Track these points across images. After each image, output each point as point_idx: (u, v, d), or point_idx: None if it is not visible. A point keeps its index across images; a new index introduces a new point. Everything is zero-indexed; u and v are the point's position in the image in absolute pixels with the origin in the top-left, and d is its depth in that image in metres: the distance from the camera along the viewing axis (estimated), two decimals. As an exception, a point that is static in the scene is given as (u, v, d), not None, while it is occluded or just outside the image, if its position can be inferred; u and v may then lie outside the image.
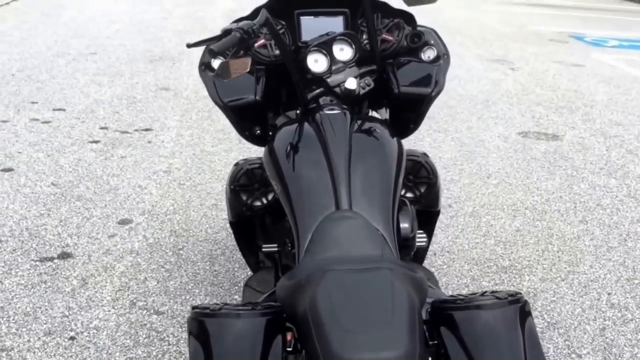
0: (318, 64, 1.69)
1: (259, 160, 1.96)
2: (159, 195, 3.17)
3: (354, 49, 1.71)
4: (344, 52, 1.71)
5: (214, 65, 1.79)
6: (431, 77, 1.80)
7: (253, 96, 1.74)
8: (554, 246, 2.88)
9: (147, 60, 5.96)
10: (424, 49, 1.84)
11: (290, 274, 1.25)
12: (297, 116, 1.79)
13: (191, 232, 2.83)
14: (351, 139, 1.51)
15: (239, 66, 1.46)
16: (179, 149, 3.81)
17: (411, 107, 1.84)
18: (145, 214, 2.97)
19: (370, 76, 1.75)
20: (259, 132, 1.85)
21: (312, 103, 1.69)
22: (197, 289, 2.40)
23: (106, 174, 3.39)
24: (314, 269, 1.19)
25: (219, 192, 3.23)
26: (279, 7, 1.77)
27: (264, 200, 1.95)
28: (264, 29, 1.60)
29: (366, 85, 1.74)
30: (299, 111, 1.78)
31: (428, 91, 1.79)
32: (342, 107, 1.64)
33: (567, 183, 3.61)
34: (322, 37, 1.71)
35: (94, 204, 3.04)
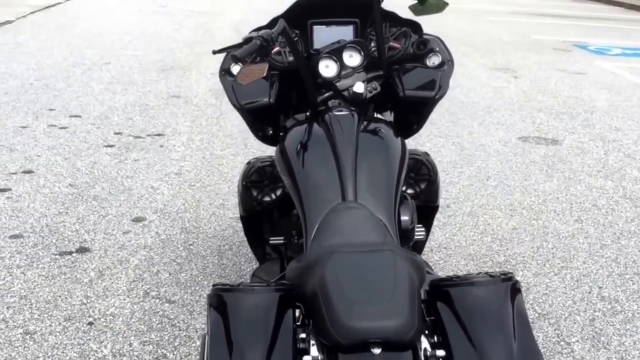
0: (328, 69, 1.82)
1: (270, 158, 2.10)
2: (170, 195, 3.32)
3: (362, 55, 1.84)
4: (353, 58, 1.84)
5: (233, 70, 1.94)
6: (435, 81, 1.93)
7: (267, 99, 1.88)
8: (549, 243, 3.00)
9: (158, 69, 6.14)
10: (429, 55, 1.97)
11: (299, 257, 1.36)
12: (306, 118, 1.90)
13: (201, 229, 2.98)
14: (358, 138, 1.62)
15: (257, 71, 1.60)
16: (189, 152, 3.97)
17: (415, 109, 1.97)
18: (157, 213, 3.12)
19: (377, 81, 1.87)
20: (271, 133, 1.99)
21: (321, 105, 1.81)
22: (206, 281, 2.54)
23: (120, 175, 3.55)
24: (322, 252, 1.30)
25: (226, 193, 3.38)
26: (294, 17, 1.91)
27: (273, 196, 2.09)
28: (280, 37, 1.74)
29: (373, 89, 1.86)
30: (308, 113, 1.90)
31: (432, 94, 1.92)
32: (350, 108, 1.75)
33: (565, 185, 3.73)
34: (333, 45, 1.85)
35: (109, 203, 3.20)
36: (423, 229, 2.03)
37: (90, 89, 5.33)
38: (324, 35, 1.92)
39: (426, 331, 1.26)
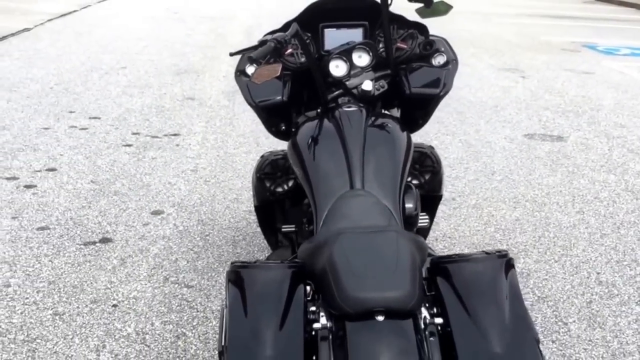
0: (339, 69, 1.96)
1: (282, 152, 2.24)
2: (187, 191, 3.48)
3: (371, 56, 1.97)
4: (362, 58, 1.98)
5: (248, 71, 2.09)
6: (440, 79, 2.06)
7: (280, 97, 2.02)
8: (550, 233, 3.11)
9: (173, 73, 6.33)
10: (434, 55, 2.10)
11: (310, 239, 1.49)
12: (317, 114, 2.03)
13: (216, 221, 3.13)
14: (365, 131, 1.75)
15: (271, 71, 1.74)
16: (204, 151, 4.12)
17: (421, 105, 2.10)
18: (175, 206, 3.27)
19: (385, 79, 2.01)
20: (284, 129, 2.14)
21: (332, 103, 1.94)
22: (222, 268, 2.68)
23: (139, 172, 3.72)
24: (330, 234, 1.42)
25: (240, 188, 3.53)
26: (306, 21, 2.04)
27: (285, 187, 2.23)
28: (294, 39, 1.88)
29: (380, 87, 1.99)
30: (319, 110, 2.03)
31: (437, 91, 2.05)
32: (359, 105, 1.88)
33: (568, 179, 3.83)
34: (343, 46, 1.99)
35: (129, 198, 3.36)
36: (427, 216, 2.16)
37: (108, 92, 5.52)
38: (334, 37, 2.05)
39: (427, 304, 1.37)
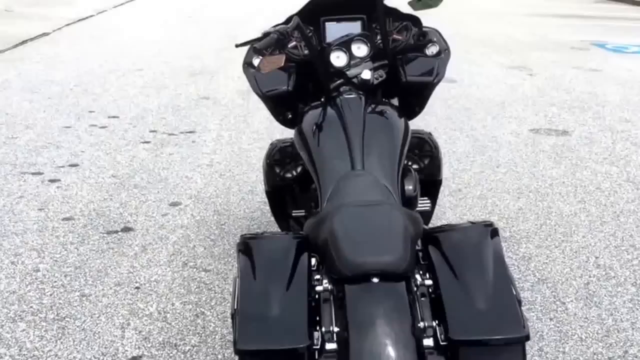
0: (339, 59, 2.10)
1: (290, 140, 2.39)
2: (203, 184, 3.64)
3: (369, 47, 2.11)
4: (360, 49, 2.11)
5: (254, 62, 2.24)
6: (434, 68, 2.21)
7: (286, 87, 2.17)
8: (552, 221, 3.23)
9: (188, 74, 6.51)
10: (428, 45, 2.25)
11: (314, 216, 1.64)
12: (321, 103, 2.16)
13: (231, 211, 3.28)
14: (365, 117, 1.89)
15: (275, 61, 1.89)
16: (219, 147, 4.29)
17: (416, 92, 2.25)
18: (192, 198, 3.44)
19: (383, 69, 2.15)
20: (290, 117, 2.29)
21: (334, 92, 2.09)
22: (238, 254, 2.84)
23: (157, 167, 3.89)
24: (332, 208, 1.57)
25: (254, 181, 3.68)
26: (308, 15, 2.19)
27: (294, 173, 2.38)
28: (296, 32, 2.02)
29: (379, 77, 2.14)
30: (323, 99, 2.17)
31: (431, 79, 2.20)
32: (359, 93, 2.02)
33: (571, 171, 3.94)
34: (342, 38, 2.13)
35: (148, 191, 3.53)
36: (428, 200, 2.30)
37: (126, 92, 5.71)
38: (334, 30, 2.20)
39: (421, 271, 1.50)
